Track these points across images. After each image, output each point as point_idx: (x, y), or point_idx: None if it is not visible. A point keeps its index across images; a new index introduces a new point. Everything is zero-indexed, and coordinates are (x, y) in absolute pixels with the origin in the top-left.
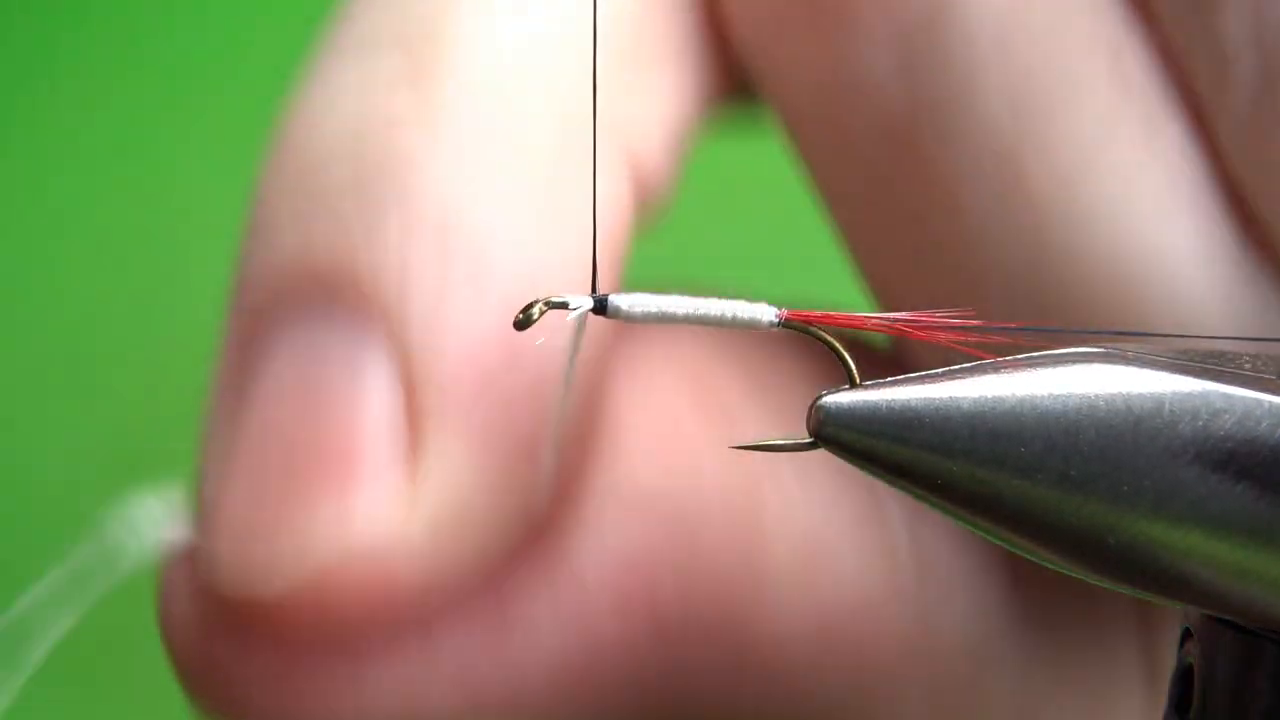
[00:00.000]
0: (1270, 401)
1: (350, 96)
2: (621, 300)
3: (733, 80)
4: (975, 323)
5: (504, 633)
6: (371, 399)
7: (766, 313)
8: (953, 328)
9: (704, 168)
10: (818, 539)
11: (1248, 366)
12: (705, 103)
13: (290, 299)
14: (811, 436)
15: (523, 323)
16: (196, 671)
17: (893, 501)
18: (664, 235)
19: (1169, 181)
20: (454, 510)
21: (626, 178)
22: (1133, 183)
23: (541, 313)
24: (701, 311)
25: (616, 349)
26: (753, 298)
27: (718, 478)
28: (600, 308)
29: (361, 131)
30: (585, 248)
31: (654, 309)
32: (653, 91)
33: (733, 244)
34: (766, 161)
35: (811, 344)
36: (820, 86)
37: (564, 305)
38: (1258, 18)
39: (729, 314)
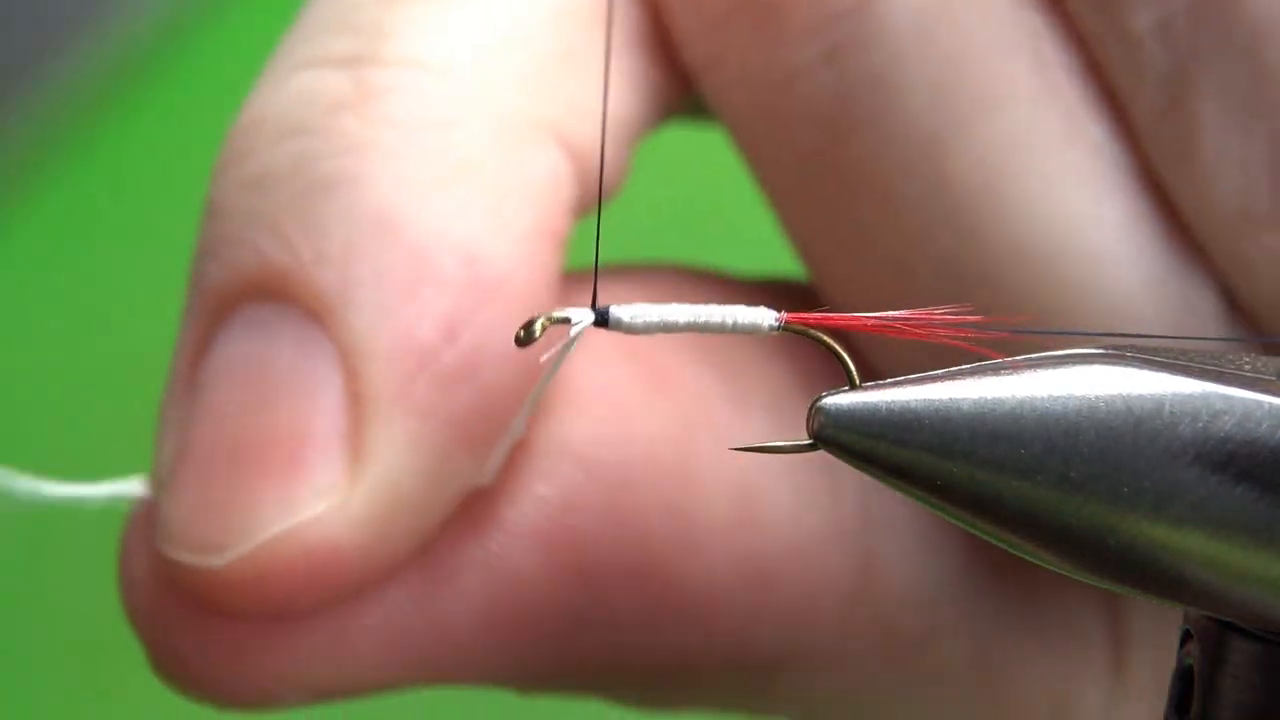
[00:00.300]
0: (1270, 403)
1: (297, 77)
2: (623, 312)
3: (676, 77)
4: (973, 319)
5: (428, 580)
6: (317, 386)
7: (766, 317)
8: (951, 326)
9: (697, 161)
10: (752, 481)
11: (1248, 367)
12: (649, 97)
13: (243, 294)
14: (811, 438)
15: (524, 339)
16: (149, 630)
17: None
18: (660, 234)
19: (1092, 171)
20: (392, 491)
21: (566, 167)
22: (1056, 171)
23: (544, 328)
24: (702, 319)
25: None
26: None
27: (648, 426)
28: (602, 320)
29: (305, 113)
30: (516, 237)
31: (655, 319)
32: (594, 84)
33: (729, 241)
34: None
35: None
36: (754, 75)
37: (566, 320)
38: (1162, 7)
39: (730, 320)
